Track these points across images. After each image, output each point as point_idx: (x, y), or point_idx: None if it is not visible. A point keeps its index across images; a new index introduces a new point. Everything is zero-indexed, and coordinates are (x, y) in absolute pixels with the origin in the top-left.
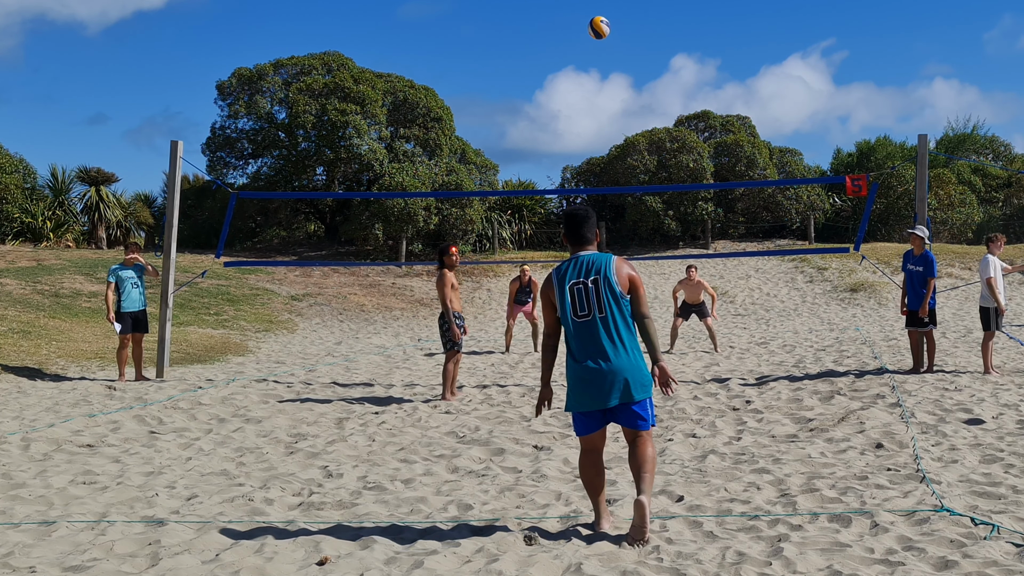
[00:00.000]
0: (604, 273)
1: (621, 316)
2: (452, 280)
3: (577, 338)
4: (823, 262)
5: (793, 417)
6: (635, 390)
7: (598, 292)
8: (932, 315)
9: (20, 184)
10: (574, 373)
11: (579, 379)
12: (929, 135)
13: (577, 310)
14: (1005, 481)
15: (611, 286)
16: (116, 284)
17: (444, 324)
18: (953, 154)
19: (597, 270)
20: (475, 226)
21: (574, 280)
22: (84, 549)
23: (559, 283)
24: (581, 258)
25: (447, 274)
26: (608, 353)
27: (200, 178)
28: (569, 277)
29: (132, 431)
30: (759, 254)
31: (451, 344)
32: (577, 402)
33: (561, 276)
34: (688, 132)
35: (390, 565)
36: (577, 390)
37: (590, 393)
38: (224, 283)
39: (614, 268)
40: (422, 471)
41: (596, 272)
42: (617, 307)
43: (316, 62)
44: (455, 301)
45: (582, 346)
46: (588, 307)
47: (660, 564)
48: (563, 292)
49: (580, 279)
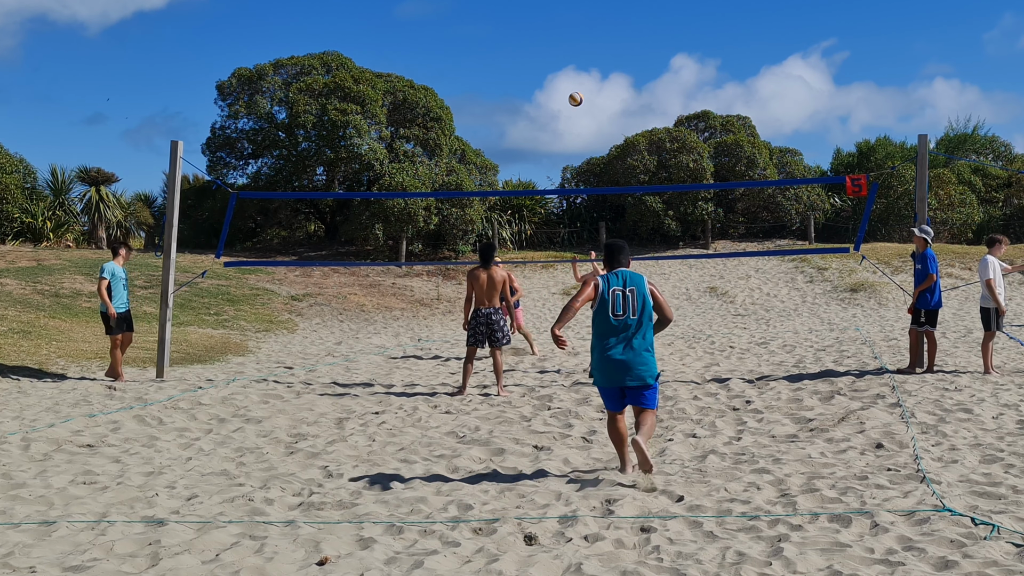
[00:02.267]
0: (639, 286)
1: (647, 319)
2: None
3: (611, 330)
4: (823, 262)
5: (793, 417)
6: (647, 377)
7: (633, 299)
8: (930, 315)
9: (20, 184)
10: (601, 356)
11: (605, 362)
12: (929, 135)
13: (616, 310)
14: (1005, 481)
15: (644, 296)
16: (110, 282)
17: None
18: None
19: (635, 283)
20: (475, 226)
21: (617, 287)
22: (84, 549)
23: (605, 286)
24: (622, 272)
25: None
26: (633, 345)
27: (200, 178)
28: (613, 284)
29: (132, 431)
30: (759, 254)
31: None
32: (604, 380)
33: (607, 281)
34: (688, 132)
35: (390, 565)
36: (605, 370)
37: (611, 374)
38: (224, 283)
39: (645, 284)
40: (422, 471)
41: (634, 284)
42: (644, 312)
43: (316, 62)
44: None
45: (614, 337)
46: (624, 309)
47: (660, 564)
48: (608, 294)
49: (620, 287)
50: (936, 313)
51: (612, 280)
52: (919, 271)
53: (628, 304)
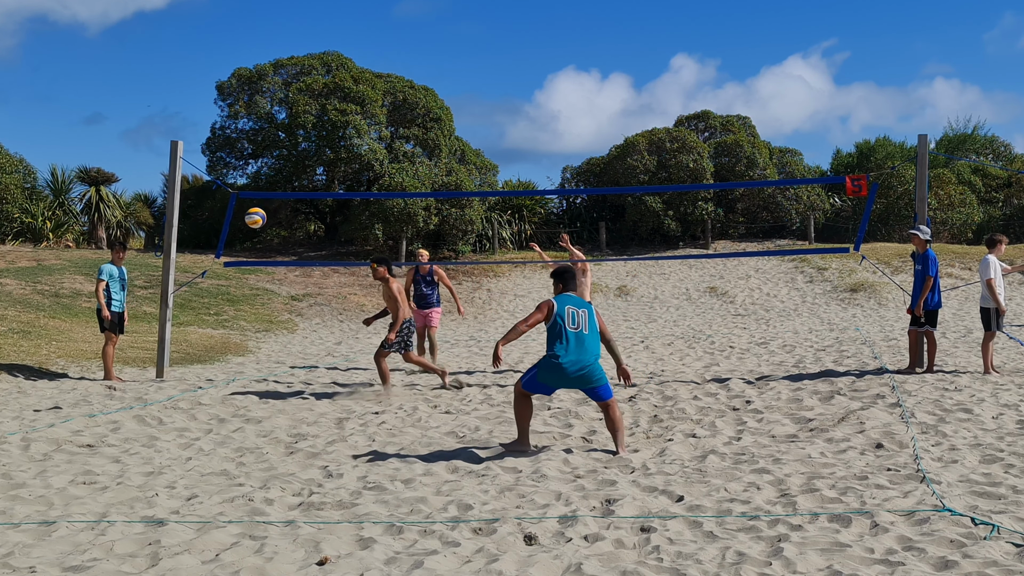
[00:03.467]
0: (589, 310)
1: (596, 335)
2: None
3: (566, 342)
4: (823, 262)
5: (793, 417)
6: (595, 379)
7: (586, 317)
8: (930, 316)
9: (20, 184)
10: (552, 363)
11: (554, 367)
12: (929, 135)
13: (571, 323)
14: (1005, 481)
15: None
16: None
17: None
18: (953, 154)
19: (584, 306)
20: (475, 226)
21: (570, 305)
22: (84, 549)
23: (560, 305)
24: (572, 298)
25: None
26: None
27: (200, 178)
28: (566, 303)
29: (132, 431)
30: (759, 254)
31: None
32: (550, 382)
33: (560, 302)
34: (688, 132)
35: (390, 565)
36: (552, 374)
37: (560, 378)
38: (224, 283)
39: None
40: (422, 471)
41: (584, 307)
42: (593, 328)
43: (316, 62)
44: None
45: (568, 347)
46: (578, 324)
47: (660, 564)
48: (563, 310)
49: (573, 307)
50: (936, 313)
51: (565, 300)
52: (919, 271)
53: (581, 320)
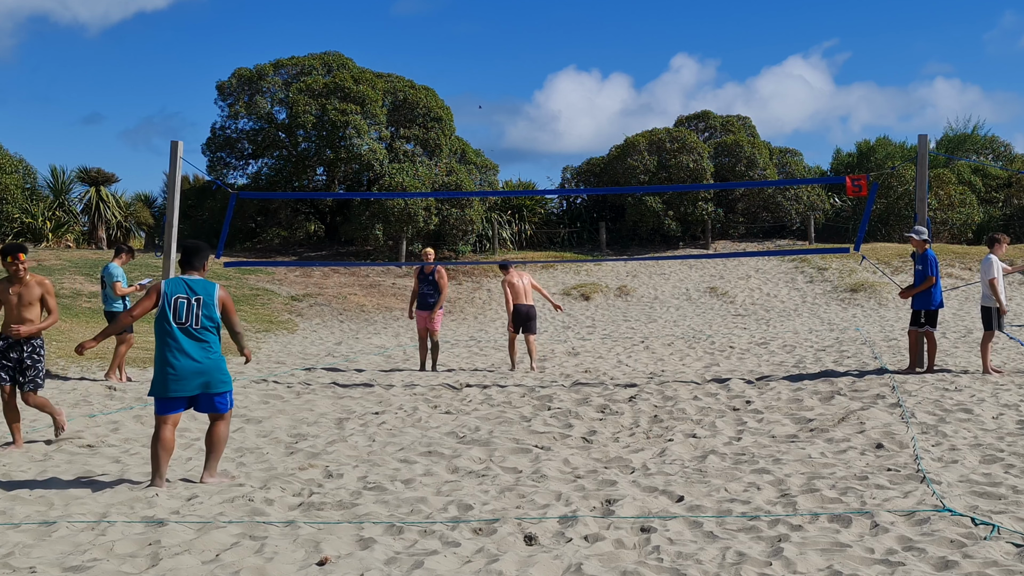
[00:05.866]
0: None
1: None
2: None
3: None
4: (823, 262)
5: (793, 417)
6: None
7: (198, 308)
8: (931, 316)
9: (20, 184)
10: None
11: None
12: (929, 135)
13: (178, 318)
14: (1005, 481)
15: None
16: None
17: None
18: (953, 154)
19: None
20: (475, 226)
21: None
22: (84, 549)
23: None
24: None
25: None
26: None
27: (200, 178)
28: (177, 292)
29: (132, 431)
30: (759, 254)
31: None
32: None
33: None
34: (688, 132)
35: (390, 565)
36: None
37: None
38: (224, 283)
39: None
40: (422, 471)
41: (200, 293)
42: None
43: (316, 62)
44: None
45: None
46: (188, 317)
47: (660, 564)
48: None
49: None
50: (936, 314)
51: (177, 287)
52: (919, 272)
53: (192, 313)
